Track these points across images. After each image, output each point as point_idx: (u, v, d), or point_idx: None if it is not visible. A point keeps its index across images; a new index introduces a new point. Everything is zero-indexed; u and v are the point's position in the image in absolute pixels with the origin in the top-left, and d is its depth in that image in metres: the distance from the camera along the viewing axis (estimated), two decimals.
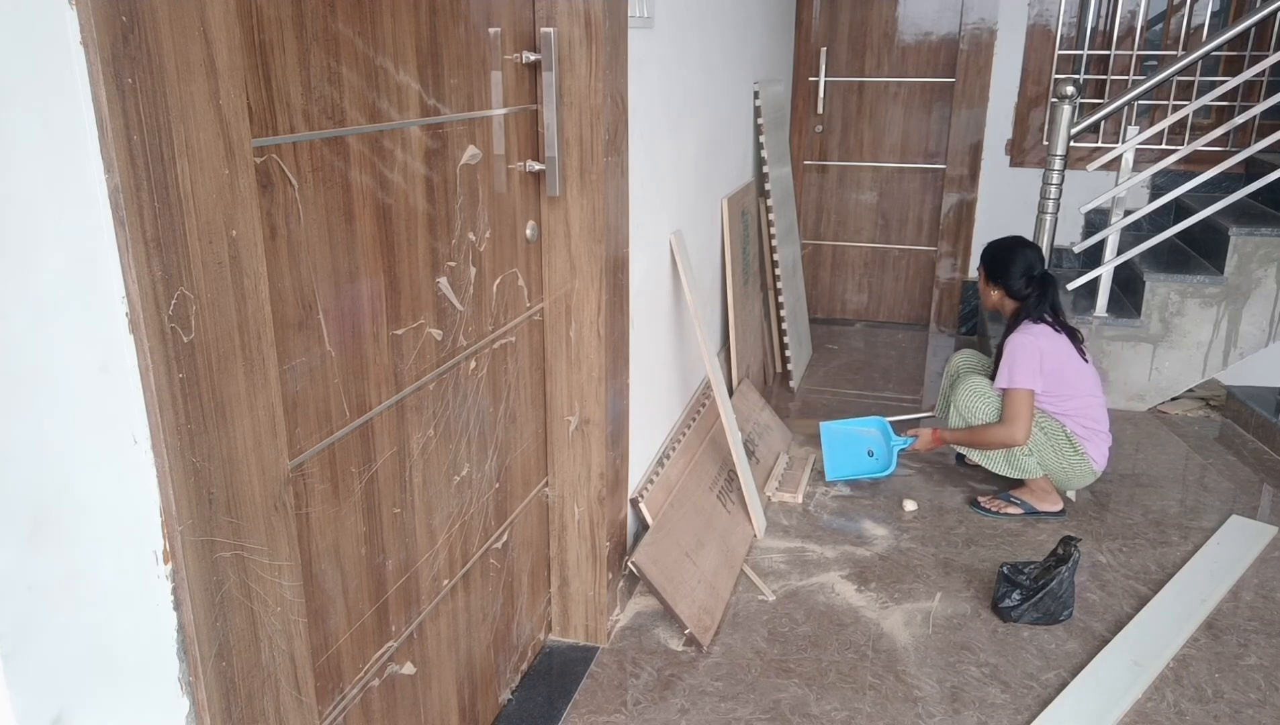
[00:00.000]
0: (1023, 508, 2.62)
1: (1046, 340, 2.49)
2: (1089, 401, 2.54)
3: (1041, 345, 2.48)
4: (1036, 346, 2.47)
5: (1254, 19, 3.03)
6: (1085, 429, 2.53)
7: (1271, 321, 3.32)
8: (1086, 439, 2.53)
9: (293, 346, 1.07)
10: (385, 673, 1.35)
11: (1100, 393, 2.58)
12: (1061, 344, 2.52)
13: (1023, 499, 2.63)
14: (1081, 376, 2.53)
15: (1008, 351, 2.50)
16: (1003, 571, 2.13)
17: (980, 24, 4.14)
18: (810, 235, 4.67)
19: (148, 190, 0.75)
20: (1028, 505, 2.62)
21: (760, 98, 3.35)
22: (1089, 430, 2.54)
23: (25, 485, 0.70)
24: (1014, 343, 2.50)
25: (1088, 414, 2.53)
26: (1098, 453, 2.54)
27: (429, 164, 1.33)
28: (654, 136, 2.11)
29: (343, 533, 1.21)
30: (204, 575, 0.86)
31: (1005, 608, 2.10)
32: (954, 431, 2.65)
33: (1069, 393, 2.52)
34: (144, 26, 0.74)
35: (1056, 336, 2.52)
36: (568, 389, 1.86)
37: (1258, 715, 1.83)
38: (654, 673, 1.94)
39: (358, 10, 1.13)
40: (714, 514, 2.35)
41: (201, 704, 0.88)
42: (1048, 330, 2.52)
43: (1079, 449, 2.52)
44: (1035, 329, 2.51)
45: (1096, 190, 3.68)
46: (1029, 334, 2.50)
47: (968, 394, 2.61)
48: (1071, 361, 2.52)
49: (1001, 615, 2.11)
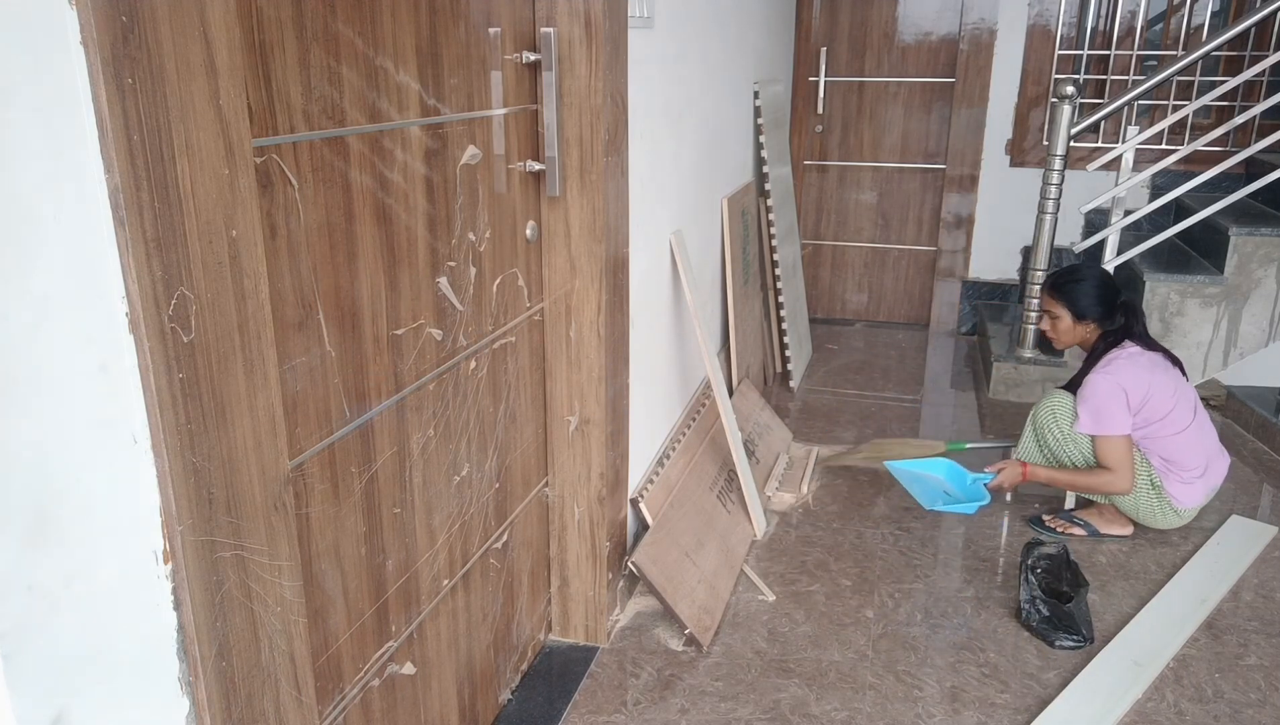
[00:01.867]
0: (1086, 529, 2.49)
1: (1128, 376, 2.29)
2: (1179, 437, 2.33)
3: (1125, 383, 2.29)
4: (1117, 385, 2.28)
5: (1254, 19, 3.04)
6: (1166, 464, 2.35)
7: (1271, 321, 3.32)
8: (1166, 474, 2.35)
9: (293, 346, 1.07)
10: (385, 673, 1.35)
11: (1191, 423, 2.35)
12: (1145, 367, 2.31)
13: (1087, 520, 2.50)
14: (1174, 407, 2.32)
15: (1088, 396, 2.32)
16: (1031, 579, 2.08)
17: (980, 24, 4.14)
18: (810, 235, 4.67)
19: (148, 190, 0.75)
20: (1091, 527, 2.48)
21: (760, 98, 3.35)
22: (1170, 465, 2.35)
23: (25, 485, 0.70)
24: (1094, 385, 2.32)
25: (1175, 447, 2.33)
26: (1183, 493, 2.34)
27: (429, 164, 1.33)
28: (654, 136, 2.11)
29: (343, 533, 1.21)
30: (204, 575, 0.86)
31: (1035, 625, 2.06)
32: (1047, 470, 2.43)
33: (1156, 420, 2.33)
34: (144, 26, 0.74)
35: (1139, 359, 2.32)
36: (568, 389, 1.86)
37: (1258, 715, 1.83)
38: (654, 673, 1.94)
39: (358, 10, 1.13)
40: (714, 514, 2.35)
41: (201, 704, 0.88)
42: (1130, 357, 2.32)
43: (1157, 485, 2.35)
44: (1118, 363, 2.31)
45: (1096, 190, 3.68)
46: (1110, 370, 2.31)
47: (1047, 416, 2.44)
48: (1158, 390, 2.30)
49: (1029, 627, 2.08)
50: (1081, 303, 2.42)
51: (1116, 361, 2.33)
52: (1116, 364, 2.33)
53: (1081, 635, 2.02)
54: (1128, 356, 2.34)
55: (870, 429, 3.27)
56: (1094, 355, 2.44)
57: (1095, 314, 2.41)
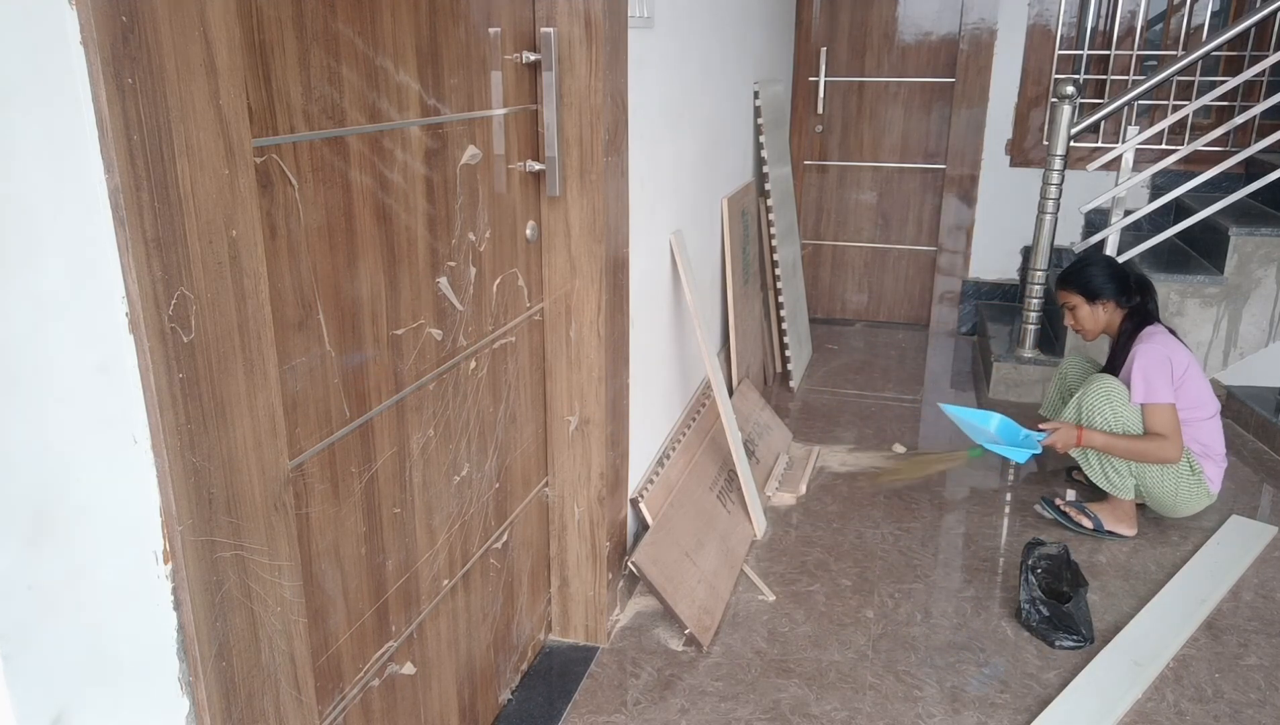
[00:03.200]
0: (1094, 522, 2.50)
1: (1172, 348, 2.33)
2: (1210, 422, 2.38)
3: (1170, 353, 2.33)
4: (1165, 355, 2.32)
5: (1254, 19, 3.04)
6: (1203, 448, 2.38)
7: (1271, 321, 3.32)
8: (1204, 458, 2.38)
9: (293, 346, 1.07)
10: (385, 673, 1.35)
11: (1216, 411, 2.43)
12: (1182, 353, 2.36)
13: (1097, 513, 2.50)
14: (1203, 391, 2.39)
15: (1139, 363, 2.31)
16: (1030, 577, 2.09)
17: (980, 24, 4.14)
18: (810, 235, 4.67)
19: (148, 190, 0.75)
20: (1099, 520, 2.49)
21: (760, 98, 3.35)
22: (1207, 449, 2.39)
23: (25, 485, 0.70)
24: (1144, 353, 2.32)
25: (1208, 432, 2.39)
26: (1215, 475, 2.40)
27: (429, 164, 1.33)
28: (654, 136, 2.11)
29: (343, 533, 1.21)
30: (204, 575, 0.86)
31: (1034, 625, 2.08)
32: (1103, 435, 2.38)
33: (1192, 404, 2.37)
34: (144, 26, 0.74)
35: (1173, 338, 2.37)
36: (568, 389, 1.86)
37: (1258, 715, 1.83)
38: (654, 673, 1.94)
39: (358, 10, 1.13)
40: (714, 514, 2.35)
41: (201, 704, 0.88)
42: (1169, 336, 2.36)
43: (1196, 470, 2.37)
44: (1158, 337, 2.35)
45: (1096, 190, 3.68)
46: (1154, 342, 2.33)
47: (1098, 397, 2.38)
48: (1192, 372, 2.36)
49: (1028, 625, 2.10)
50: (1092, 284, 2.45)
51: (1155, 336, 2.36)
52: (1156, 338, 2.35)
53: (1081, 635, 2.02)
54: (1163, 333, 2.38)
55: (870, 429, 3.26)
56: (1123, 337, 2.45)
57: (1109, 292, 2.43)
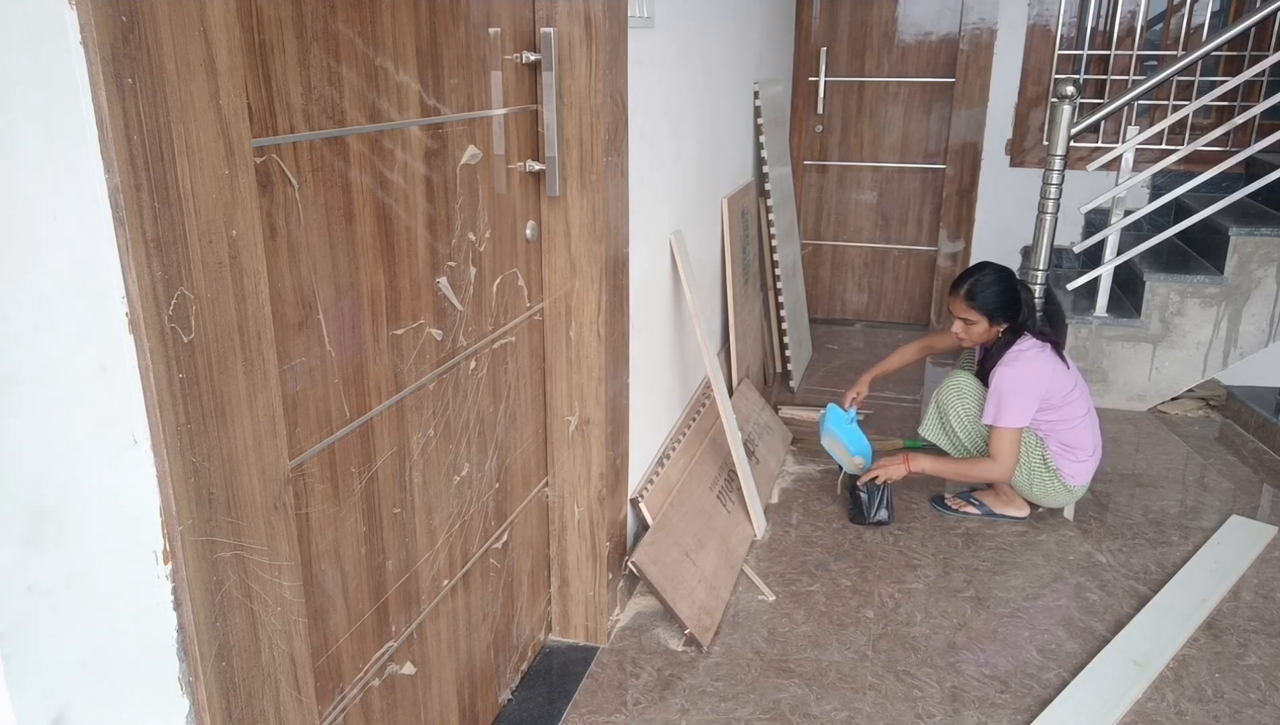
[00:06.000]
0: (980, 509, 2.63)
1: (1031, 366, 2.40)
2: (1074, 423, 2.47)
3: (1033, 376, 2.39)
4: (1025, 381, 2.39)
5: (1254, 19, 3.03)
6: (1063, 447, 2.48)
7: (1271, 321, 3.32)
8: (1062, 456, 2.48)
9: (293, 346, 1.07)
10: (385, 673, 1.35)
11: (1087, 411, 2.51)
12: (1047, 362, 2.43)
13: (983, 501, 2.64)
14: (1069, 395, 2.46)
15: (996, 387, 2.41)
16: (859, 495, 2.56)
17: (980, 24, 4.14)
18: (810, 235, 4.67)
19: (148, 190, 0.75)
20: (986, 507, 2.63)
21: (760, 98, 3.35)
22: (1067, 448, 2.48)
23: (25, 485, 0.70)
24: (1003, 378, 2.40)
25: (1074, 433, 2.48)
26: (1077, 470, 2.48)
27: (429, 164, 1.33)
28: (654, 136, 2.11)
29: (343, 533, 1.21)
30: (204, 575, 0.86)
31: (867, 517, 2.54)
32: (931, 459, 2.53)
33: (1061, 413, 2.47)
34: (144, 26, 0.74)
35: (1041, 355, 2.43)
36: (568, 389, 1.86)
37: (1258, 715, 1.83)
38: (654, 673, 1.94)
39: (358, 10, 1.13)
40: (714, 514, 2.35)
41: (201, 704, 0.88)
42: (1034, 351, 2.42)
43: (1051, 466, 2.48)
44: (1025, 358, 2.41)
45: (1096, 190, 3.68)
46: (1017, 366, 2.40)
47: (950, 393, 2.58)
48: (1058, 379, 2.44)
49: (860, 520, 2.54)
50: (995, 307, 2.47)
51: (1024, 357, 2.43)
52: (1024, 358, 2.42)
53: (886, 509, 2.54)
54: (1033, 351, 2.44)
55: (869, 429, 3.26)
56: (996, 348, 2.52)
57: (1007, 316, 2.48)
